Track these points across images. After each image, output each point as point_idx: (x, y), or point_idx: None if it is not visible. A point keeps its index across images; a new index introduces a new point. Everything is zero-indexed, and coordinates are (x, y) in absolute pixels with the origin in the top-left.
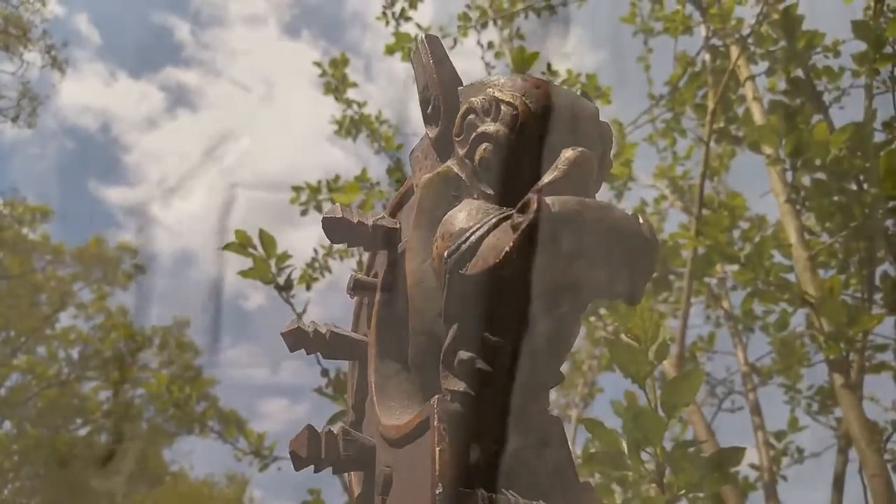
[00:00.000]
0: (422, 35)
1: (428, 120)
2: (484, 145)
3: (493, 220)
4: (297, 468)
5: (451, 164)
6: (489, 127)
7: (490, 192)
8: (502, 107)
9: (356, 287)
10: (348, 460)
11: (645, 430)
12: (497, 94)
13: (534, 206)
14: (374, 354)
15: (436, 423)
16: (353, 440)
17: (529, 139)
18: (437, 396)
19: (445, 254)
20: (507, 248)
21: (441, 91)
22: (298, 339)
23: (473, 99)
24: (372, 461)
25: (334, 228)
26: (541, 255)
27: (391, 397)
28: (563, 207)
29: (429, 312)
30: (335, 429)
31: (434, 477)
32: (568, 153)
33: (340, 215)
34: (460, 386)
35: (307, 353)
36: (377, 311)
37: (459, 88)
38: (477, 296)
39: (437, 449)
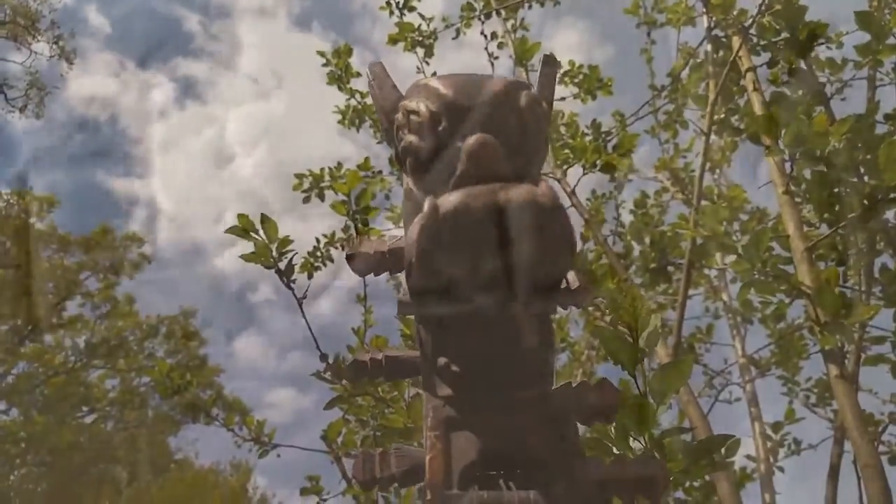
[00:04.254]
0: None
1: (387, 141)
2: (408, 158)
3: None
4: (363, 490)
5: (407, 178)
6: (407, 138)
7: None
8: (411, 116)
9: (400, 309)
10: (407, 475)
11: (634, 417)
12: (407, 104)
13: (423, 210)
14: (424, 369)
15: (427, 431)
16: (404, 456)
17: (438, 139)
18: (430, 404)
19: (406, 265)
20: (412, 258)
21: (383, 115)
22: (358, 370)
23: (397, 115)
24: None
25: (357, 264)
26: (444, 254)
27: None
28: (449, 205)
29: None
30: (389, 448)
31: (424, 485)
32: (469, 142)
33: (360, 250)
34: (447, 391)
35: (370, 381)
36: (418, 328)
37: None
38: (425, 302)
39: (428, 457)
